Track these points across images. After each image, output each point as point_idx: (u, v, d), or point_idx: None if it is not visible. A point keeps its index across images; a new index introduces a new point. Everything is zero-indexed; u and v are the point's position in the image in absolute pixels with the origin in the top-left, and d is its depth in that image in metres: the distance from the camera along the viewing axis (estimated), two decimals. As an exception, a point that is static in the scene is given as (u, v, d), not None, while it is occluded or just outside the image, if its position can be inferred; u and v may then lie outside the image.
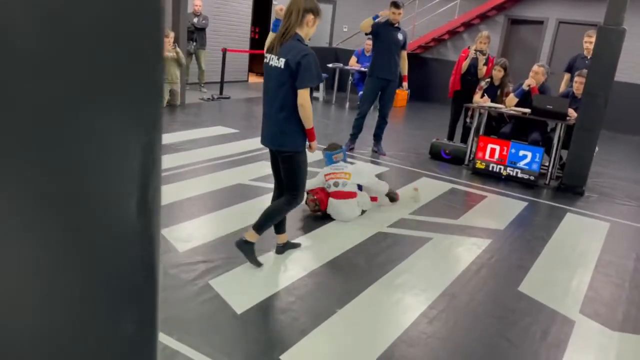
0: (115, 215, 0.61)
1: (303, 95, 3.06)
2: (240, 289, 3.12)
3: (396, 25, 6.49)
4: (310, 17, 3.07)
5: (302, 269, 3.46)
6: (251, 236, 3.33)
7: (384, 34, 6.48)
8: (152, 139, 0.61)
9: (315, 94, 11.14)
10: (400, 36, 6.52)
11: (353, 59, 10.54)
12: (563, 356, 2.80)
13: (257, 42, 13.46)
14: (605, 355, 2.87)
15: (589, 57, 6.65)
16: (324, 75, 11.17)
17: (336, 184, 4.38)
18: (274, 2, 12.86)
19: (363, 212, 4.52)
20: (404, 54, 6.69)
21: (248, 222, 4.08)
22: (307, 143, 3.29)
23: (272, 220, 3.39)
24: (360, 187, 4.48)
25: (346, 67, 10.62)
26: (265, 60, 3.18)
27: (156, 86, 0.58)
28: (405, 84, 6.92)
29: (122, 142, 0.58)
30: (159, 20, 0.58)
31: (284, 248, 3.63)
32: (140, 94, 0.59)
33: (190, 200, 4.48)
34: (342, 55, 11.95)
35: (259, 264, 3.38)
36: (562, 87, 7.09)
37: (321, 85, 11.13)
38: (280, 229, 3.59)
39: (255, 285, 3.19)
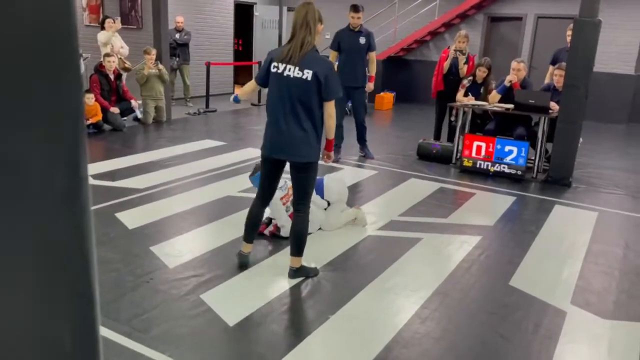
0: (43, 238, 0.62)
1: (331, 106, 3.14)
2: (232, 302, 3.12)
3: (357, 29, 6.36)
4: (320, 27, 3.16)
5: (294, 278, 3.46)
6: (298, 262, 3.39)
7: (345, 41, 6.38)
8: (75, 158, 0.62)
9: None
10: (362, 40, 6.35)
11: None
12: (556, 347, 2.82)
13: (240, 54, 13.50)
14: (597, 343, 2.89)
15: None
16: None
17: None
18: (255, 14, 12.92)
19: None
20: (372, 55, 6.49)
21: (238, 234, 4.09)
22: (323, 154, 3.38)
23: (305, 238, 3.37)
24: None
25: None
26: (276, 70, 3.12)
27: (75, 106, 0.59)
28: (369, 85, 6.57)
29: (43, 164, 0.59)
30: (73, 41, 0.59)
31: (245, 259, 3.55)
32: (59, 114, 0.60)
33: (179, 215, 4.47)
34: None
35: (317, 271, 3.48)
36: (547, 80, 7.16)
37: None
38: (252, 238, 3.55)
39: (246, 296, 3.19)
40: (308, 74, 3.03)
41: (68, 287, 0.64)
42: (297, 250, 3.36)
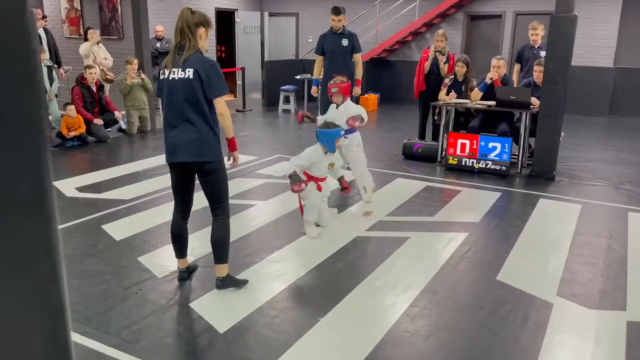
0: (7, 250, 0.63)
1: (221, 104, 3.08)
2: (222, 309, 3.12)
3: (339, 31, 6.34)
4: (202, 30, 3.08)
5: (283, 282, 3.48)
6: (224, 269, 3.28)
7: (328, 45, 6.37)
8: (38, 170, 0.63)
9: (286, 106, 11.21)
10: (345, 42, 6.32)
11: (314, 89, 10.60)
12: (543, 339, 2.86)
13: (223, 60, 13.49)
14: (584, 333, 2.94)
15: (536, 47, 6.89)
16: (293, 87, 11.29)
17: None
18: (236, 20, 12.92)
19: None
20: (357, 57, 6.42)
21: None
22: (229, 155, 3.24)
23: (227, 245, 3.26)
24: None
25: (314, 78, 10.67)
26: (163, 76, 3.11)
27: (37, 120, 0.60)
28: (357, 88, 6.44)
29: (4, 176, 0.60)
30: (34, 57, 0.61)
31: (182, 274, 3.46)
32: (20, 127, 0.61)
33: (166, 224, 4.42)
34: (309, 66, 12.02)
35: (245, 282, 3.38)
36: (515, 77, 7.25)
37: (291, 97, 11.20)
38: (184, 253, 3.45)
39: (236, 303, 3.20)
40: (189, 72, 3.00)
41: (36, 299, 0.65)
42: (220, 257, 3.25)
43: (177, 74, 3.03)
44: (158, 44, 9.72)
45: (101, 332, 2.84)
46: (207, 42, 3.18)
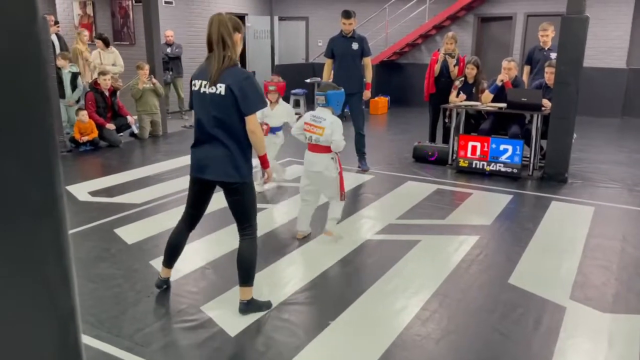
0: (19, 253, 0.64)
1: (252, 121, 2.87)
2: (233, 312, 3.13)
3: (350, 35, 6.33)
4: (238, 36, 2.91)
5: (293, 285, 3.48)
6: (248, 293, 3.08)
7: (338, 48, 6.37)
8: (49, 176, 0.65)
9: (296, 110, 11.22)
10: (355, 45, 6.30)
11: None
12: (556, 343, 2.83)
13: (234, 65, 13.57)
14: (597, 337, 2.91)
15: (546, 49, 6.84)
16: (304, 90, 11.32)
17: (310, 139, 4.12)
18: (247, 24, 13.00)
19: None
20: (367, 61, 6.42)
21: (235, 244, 4.11)
22: (262, 172, 3.10)
23: (254, 266, 3.08)
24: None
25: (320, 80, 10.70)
26: (194, 87, 2.94)
27: (46, 129, 0.62)
28: (367, 92, 6.42)
29: (17, 182, 0.61)
30: (42, 69, 0.62)
31: (162, 283, 3.38)
32: (31, 136, 0.62)
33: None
34: (319, 69, 12.03)
35: (269, 305, 3.18)
36: (525, 79, 7.20)
37: (302, 100, 11.22)
38: (172, 264, 3.35)
39: (247, 306, 3.20)
40: (221, 88, 2.81)
41: (47, 302, 0.67)
42: (246, 279, 3.05)
43: (207, 88, 2.85)
44: (168, 49, 9.80)
45: (114, 336, 2.86)
46: (241, 47, 2.99)
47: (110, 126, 7.73)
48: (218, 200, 5.29)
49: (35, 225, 0.63)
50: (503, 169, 6.15)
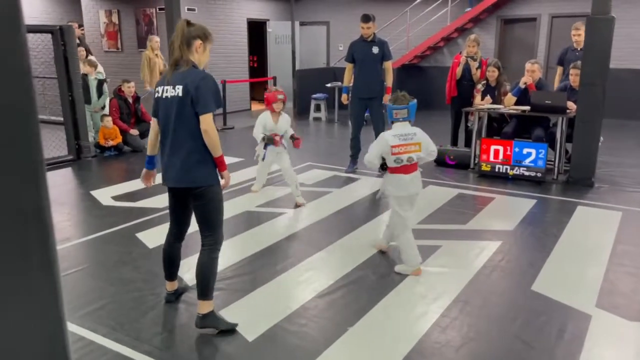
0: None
1: (206, 120, 2.79)
2: (251, 316, 3.13)
3: (370, 39, 6.29)
4: (198, 42, 2.87)
5: (312, 290, 3.46)
6: (205, 306, 2.94)
7: (358, 52, 6.33)
8: (36, 188, 0.65)
9: (317, 114, 11.25)
10: (375, 49, 6.27)
11: (344, 97, 10.59)
12: (581, 352, 2.75)
13: (255, 70, 13.67)
14: (624, 347, 2.82)
15: (579, 49, 6.68)
16: (324, 95, 11.32)
17: (410, 160, 3.62)
18: (268, 30, 13.08)
19: None
20: (388, 65, 6.40)
21: (257, 248, 4.13)
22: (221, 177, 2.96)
23: (212, 278, 2.97)
24: None
25: (345, 86, 10.69)
26: (156, 94, 2.92)
27: (31, 140, 0.62)
28: (387, 96, 6.31)
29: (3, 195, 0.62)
30: (28, 81, 0.62)
31: (170, 297, 3.31)
32: (15, 148, 0.63)
33: (198, 233, 4.51)
34: (340, 73, 12.04)
35: (234, 325, 2.99)
36: (556, 80, 7.08)
37: (322, 105, 11.23)
38: (173, 275, 3.29)
39: (265, 311, 3.20)
40: (179, 89, 2.78)
41: (35, 312, 0.67)
42: (202, 292, 2.92)
43: (167, 92, 2.84)
44: (191, 56, 9.92)
45: (133, 339, 2.89)
46: (207, 57, 2.97)
47: (134, 132, 7.85)
48: (242, 204, 5.31)
49: (21, 236, 0.64)
50: (526, 173, 6.04)
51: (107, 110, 8.04)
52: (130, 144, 7.81)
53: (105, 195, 5.63)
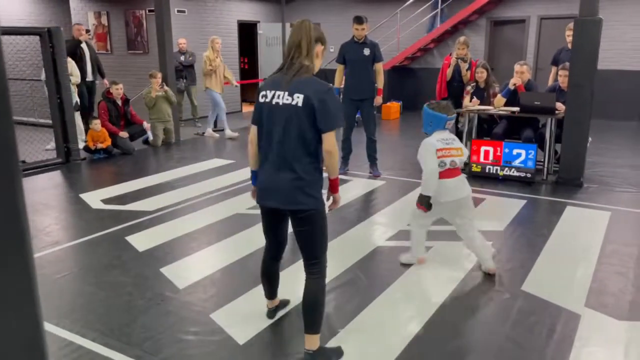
0: None
1: (329, 140, 2.48)
2: (242, 320, 3.12)
3: (362, 41, 6.30)
4: (320, 47, 2.62)
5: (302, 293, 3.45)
6: (316, 341, 2.65)
7: (350, 54, 6.34)
8: (12, 193, 0.64)
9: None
10: (367, 51, 6.27)
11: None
12: (570, 352, 2.77)
13: (246, 72, 13.64)
14: (614, 346, 2.84)
15: None
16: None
17: (453, 164, 3.58)
18: (259, 32, 13.07)
19: None
20: (379, 66, 6.40)
21: (247, 251, 4.11)
22: (328, 196, 2.70)
23: (321, 309, 2.68)
24: None
25: (336, 87, 10.71)
26: (264, 99, 2.56)
27: (6, 143, 0.61)
28: (378, 98, 6.42)
29: None
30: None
31: (270, 314, 3.15)
32: None
33: (188, 235, 4.50)
34: (331, 75, 12.04)
35: (341, 352, 2.75)
36: (550, 81, 7.13)
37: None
38: (273, 294, 3.12)
39: (256, 314, 3.18)
40: (298, 99, 2.46)
41: (11, 326, 0.65)
42: (312, 325, 2.63)
43: (283, 98, 2.49)
44: (182, 57, 9.89)
45: (123, 344, 2.87)
46: (320, 64, 2.66)
47: (124, 134, 7.81)
48: (232, 207, 5.29)
49: None
50: (516, 174, 6.08)
51: (95, 113, 7.99)
52: (119, 147, 7.76)
53: (94, 198, 5.59)
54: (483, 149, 6.25)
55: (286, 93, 2.49)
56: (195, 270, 3.83)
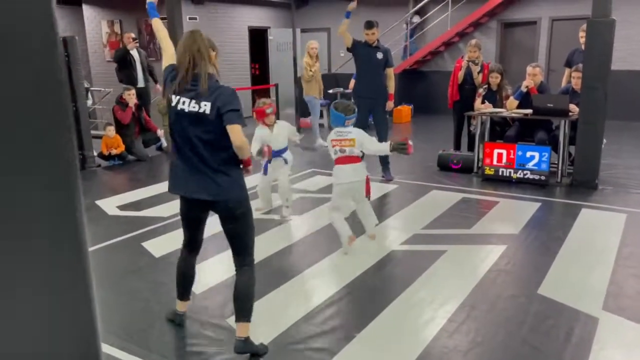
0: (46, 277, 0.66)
1: (237, 135, 2.61)
2: (258, 325, 3.13)
3: (374, 44, 6.30)
4: (213, 53, 2.76)
5: (319, 298, 3.47)
6: (247, 329, 2.82)
7: (362, 55, 6.34)
8: (70, 194, 0.67)
9: (320, 120, 11.26)
10: (379, 55, 6.27)
11: (352, 82, 10.65)
12: (588, 356, 2.75)
13: (257, 78, 13.72)
14: (632, 349, 2.81)
15: None
16: (326, 101, 11.36)
17: (342, 151, 4.16)
18: (269, 38, 13.14)
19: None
20: (390, 72, 6.39)
21: (262, 255, 4.13)
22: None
23: (252, 299, 2.86)
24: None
25: (347, 91, 10.73)
26: (172, 103, 2.68)
27: (63, 144, 0.64)
28: (389, 103, 6.41)
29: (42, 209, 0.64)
30: (62, 92, 0.65)
31: (179, 319, 3.16)
32: (54, 161, 0.65)
33: (203, 240, 4.52)
34: (342, 79, 12.09)
35: (265, 350, 2.89)
36: (564, 82, 7.09)
37: (325, 111, 11.24)
38: (187, 294, 3.15)
39: (272, 319, 3.21)
40: (206, 106, 2.59)
41: (67, 320, 0.68)
42: (246, 313, 2.81)
43: (187, 105, 2.63)
44: (194, 64, 9.98)
45: (142, 349, 2.90)
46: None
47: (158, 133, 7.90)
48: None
49: (54, 245, 0.66)
50: (530, 176, 6.04)
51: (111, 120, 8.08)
52: (134, 153, 7.84)
53: (110, 204, 5.65)
54: (496, 151, 6.23)
55: (193, 100, 2.61)
56: (210, 275, 3.86)
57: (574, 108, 6.04)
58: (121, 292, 3.62)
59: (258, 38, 13.24)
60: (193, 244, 3.11)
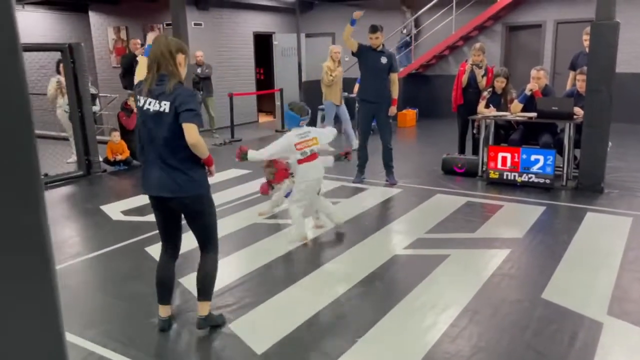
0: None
1: (191, 133, 2.74)
2: (260, 329, 3.13)
3: (379, 49, 6.27)
4: (181, 57, 2.87)
5: (320, 302, 3.46)
6: (207, 307, 3.07)
7: (367, 59, 6.32)
8: (35, 209, 0.67)
9: (324, 124, 11.28)
10: (384, 60, 6.24)
11: (357, 86, 10.66)
12: (593, 361, 2.72)
13: (262, 82, 13.76)
14: (637, 354, 2.78)
15: None
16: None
17: (304, 153, 4.36)
18: (274, 43, 13.19)
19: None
20: (394, 77, 6.37)
21: (265, 261, 4.14)
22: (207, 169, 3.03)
23: (214, 282, 3.10)
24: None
25: (351, 95, 10.74)
26: (138, 103, 2.86)
27: (28, 157, 0.64)
28: (393, 108, 6.34)
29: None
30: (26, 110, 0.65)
31: (164, 324, 3.17)
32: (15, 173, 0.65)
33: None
34: (347, 84, 12.10)
35: (223, 319, 3.19)
36: (569, 85, 7.06)
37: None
38: (168, 298, 3.20)
39: (274, 323, 3.20)
40: (165, 106, 2.75)
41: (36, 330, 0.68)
42: (207, 293, 3.06)
43: (152, 105, 2.79)
44: (199, 70, 10.02)
45: (144, 354, 2.90)
46: (185, 72, 2.93)
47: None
48: (250, 217, 5.33)
49: (22, 258, 0.66)
50: (535, 180, 6.01)
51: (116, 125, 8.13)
52: (139, 159, 7.88)
53: (114, 210, 5.67)
54: (500, 155, 6.20)
55: (156, 101, 2.78)
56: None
57: (578, 111, 6.01)
58: (124, 296, 3.62)
59: (263, 43, 13.29)
60: (171, 249, 3.19)
